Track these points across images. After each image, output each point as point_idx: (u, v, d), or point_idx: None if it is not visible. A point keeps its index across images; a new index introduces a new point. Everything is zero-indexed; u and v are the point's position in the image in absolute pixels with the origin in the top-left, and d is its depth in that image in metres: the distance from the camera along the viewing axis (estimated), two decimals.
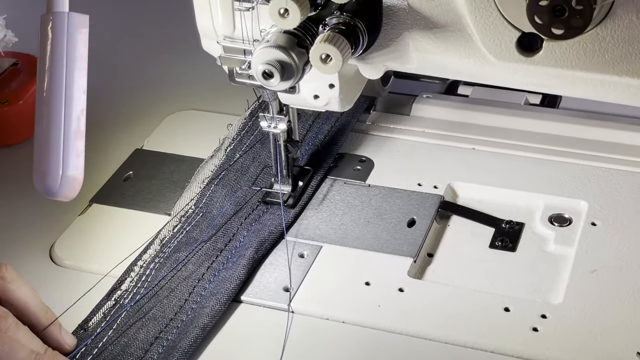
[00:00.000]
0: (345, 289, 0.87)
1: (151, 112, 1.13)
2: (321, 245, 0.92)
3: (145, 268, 0.90)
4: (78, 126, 0.70)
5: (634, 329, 0.81)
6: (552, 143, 1.03)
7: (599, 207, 0.94)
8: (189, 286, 0.87)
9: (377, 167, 1.02)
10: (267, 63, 0.77)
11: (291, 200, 0.96)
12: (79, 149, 0.71)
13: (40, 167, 0.70)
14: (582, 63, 0.71)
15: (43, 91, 0.70)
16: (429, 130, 1.06)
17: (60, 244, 0.95)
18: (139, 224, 0.97)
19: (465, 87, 1.12)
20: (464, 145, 1.04)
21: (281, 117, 0.92)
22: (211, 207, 0.96)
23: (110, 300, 0.87)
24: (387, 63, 0.81)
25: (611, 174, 0.98)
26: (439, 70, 0.80)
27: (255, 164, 1.01)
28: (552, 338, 0.81)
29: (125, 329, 0.84)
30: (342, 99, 0.87)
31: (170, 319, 0.84)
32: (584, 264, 0.88)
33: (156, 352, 0.81)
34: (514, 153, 1.02)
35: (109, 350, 0.82)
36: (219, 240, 0.92)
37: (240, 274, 0.87)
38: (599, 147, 1.02)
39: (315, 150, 1.02)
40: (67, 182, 0.70)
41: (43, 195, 0.71)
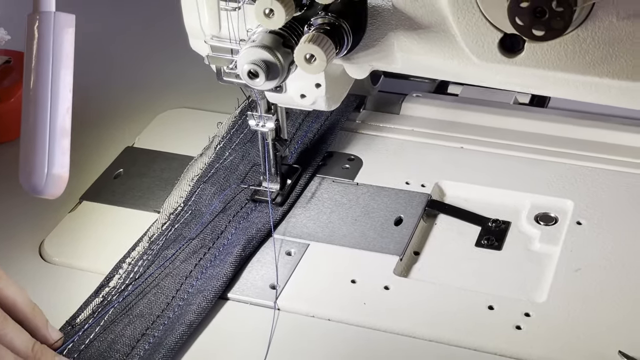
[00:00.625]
0: (331, 286, 0.88)
1: (142, 110, 1.13)
2: (308, 243, 0.93)
3: (133, 265, 0.90)
4: (64, 125, 0.71)
5: (616, 328, 0.82)
6: (540, 142, 1.03)
7: (585, 206, 0.95)
8: (177, 283, 0.88)
9: (365, 166, 1.02)
10: (252, 63, 0.77)
11: (279, 198, 0.97)
12: (65, 147, 0.71)
13: (26, 165, 0.70)
14: (563, 64, 0.72)
15: (29, 90, 0.71)
16: (418, 129, 1.07)
17: (50, 241, 0.95)
18: (128, 222, 0.98)
19: (455, 86, 1.13)
20: (452, 144, 1.05)
21: (269, 115, 0.92)
22: (200, 204, 0.96)
23: (98, 297, 0.88)
24: (372, 63, 0.81)
25: (597, 174, 0.99)
26: (423, 70, 0.81)
27: (245, 162, 1.01)
28: (535, 336, 0.82)
29: (113, 325, 0.84)
30: (329, 98, 0.87)
31: (157, 316, 0.85)
32: (568, 263, 0.89)
33: (142, 349, 0.82)
34: (501, 152, 1.03)
35: (96, 347, 0.82)
36: (207, 238, 0.92)
37: (227, 272, 0.88)
38: (586, 147, 1.03)
39: (304, 148, 1.03)
40: (53, 180, 0.71)
41: (29, 193, 0.72)
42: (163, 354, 0.81)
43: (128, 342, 0.82)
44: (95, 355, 0.82)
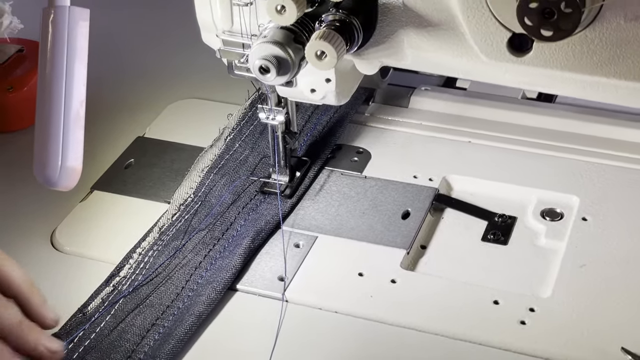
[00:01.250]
0: (338, 279, 0.89)
1: (153, 101, 1.14)
2: (316, 235, 0.94)
3: (143, 255, 0.91)
4: (78, 118, 0.72)
5: (620, 324, 0.82)
6: (547, 138, 1.04)
7: (591, 202, 0.96)
8: (186, 274, 0.89)
9: (374, 159, 1.03)
10: (263, 58, 0.78)
11: (288, 190, 0.98)
12: (79, 140, 0.72)
13: (40, 158, 0.71)
14: (571, 64, 0.73)
15: (44, 83, 0.72)
16: (426, 122, 1.08)
17: (61, 230, 0.97)
18: (139, 212, 0.99)
19: (464, 80, 1.13)
20: (460, 138, 1.05)
21: (279, 109, 0.93)
22: (210, 196, 0.97)
23: (108, 286, 0.89)
24: (382, 59, 0.82)
25: (604, 170, 1.00)
26: (432, 67, 0.82)
27: (254, 154, 1.02)
28: (539, 332, 0.83)
29: (123, 315, 0.85)
30: (339, 93, 0.88)
31: (167, 306, 0.86)
32: (573, 259, 0.89)
33: (152, 339, 0.83)
34: (509, 147, 1.04)
35: (106, 335, 0.84)
36: (217, 229, 0.93)
37: (236, 263, 0.89)
38: (594, 143, 1.03)
39: (313, 141, 1.04)
40: (67, 172, 0.72)
41: (43, 185, 0.73)
42: (172, 344, 0.82)
43: (138, 331, 0.84)
44: (106, 344, 0.83)
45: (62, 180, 0.72)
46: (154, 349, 0.82)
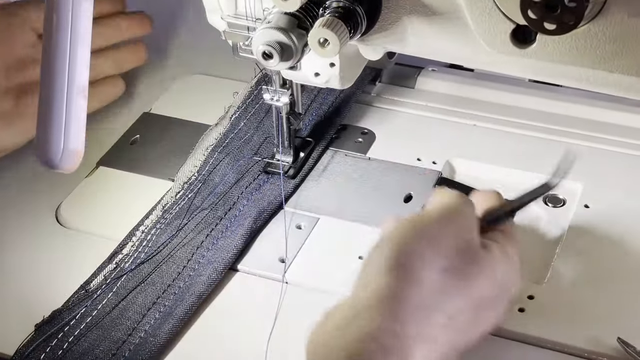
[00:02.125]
0: (339, 262, 0.90)
1: (160, 76, 1.14)
2: (318, 217, 0.94)
3: (146, 233, 0.92)
4: (80, 100, 0.72)
5: (617, 314, 0.83)
6: (554, 122, 1.04)
7: (594, 189, 0.96)
8: (188, 253, 0.90)
9: (378, 140, 1.03)
10: (267, 44, 0.78)
11: (292, 171, 0.98)
12: (81, 122, 0.73)
13: (42, 140, 0.72)
14: (574, 58, 0.72)
15: (47, 66, 0.72)
16: (432, 104, 1.07)
17: (66, 206, 0.97)
18: (144, 189, 0.99)
19: None
20: (465, 121, 1.05)
21: (284, 90, 0.93)
22: (213, 174, 0.98)
23: (111, 264, 0.90)
24: (386, 45, 0.82)
25: (610, 156, 1.00)
26: (436, 54, 0.82)
27: (259, 133, 1.03)
28: (537, 319, 0.83)
29: (125, 292, 0.86)
30: (343, 77, 0.88)
31: (168, 285, 0.87)
32: (573, 247, 0.90)
33: (153, 318, 0.84)
34: (514, 131, 1.03)
35: (108, 313, 0.85)
36: (219, 209, 0.94)
37: (238, 244, 0.90)
38: (600, 128, 1.03)
39: (318, 121, 1.04)
40: (69, 155, 0.72)
41: (45, 168, 0.74)
42: (172, 323, 0.83)
43: (139, 309, 0.85)
44: (108, 321, 0.84)
45: (64, 162, 0.72)
46: (154, 328, 0.83)
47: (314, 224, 0.93)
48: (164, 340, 0.82)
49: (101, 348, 0.81)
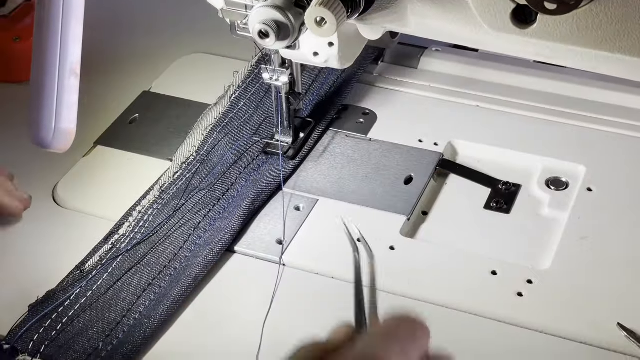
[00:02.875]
0: (337, 244, 0.89)
1: (161, 54, 1.13)
2: (317, 198, 0.93)
3: (143, 214, 0.91)
4: (71, 80, 0.71)
5: (617, 300, 0.82)
6: (557, 104, 1.03)
7: (597, 172, 0.94)
8: (185, 234, 0.89)
9: (379, 121, 1.02)
10: (263, 23, 0.77)
11: (291, 151, 0.97)
12: (72, 102, 0.72)
13: (34, 119, 0.71)
14: (575, 38, 0.71)
15: (39, 45, 0.71)
16: (434, 85, 1.06)
17: (63, 185, 0.97)
18: (142, 168, 0.98)
19: None
20: (468, 102, 1.04)
21: (283, 70, 0.92)
22: (212, 155, 0.97)
23: (107, 244, 0.89)
24: (385, 25, 0.81)
25: (613, 139, 0.98)
26: (436, 34, 0.80)
27: (259, 113, 1.01)
28: (535, 304, 0.82)
29: (120, 273, 0.86)
30: (342, 57, 0.87)
31: (164, 266, 0.86)
32: (575, 230, 0.89)
33: (148, 299, 0.83)
34: (517, 112, 1.02)
35: (102, 294, 0.84)
36: (217, 189, 0.93)
37: (235, 225, 0.89)
38: (605, 110, 1.01)
39: (319, 101, 1.03)
40: (60, 134, 0.72)
41: (37, 147, 0.73)
42: (167, 305, 0.82)
43: (134, 291, 0.84)
44: (102, 302, 0.83)
45: (55, 142, 0.72)
46: (149, 309, 0.82)
47: (312, 206, 0.92)
48: (159, 322, 0.82)
49: (95, 329, 0.81)
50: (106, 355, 0.79)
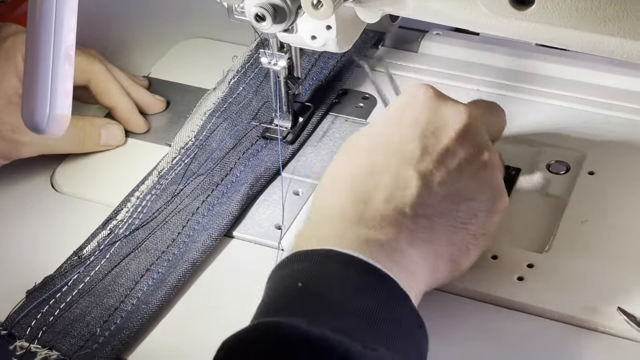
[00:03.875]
0: None
1: (160, 39, 1.13)
2: (316, 183, 0.92)
3: (141, 199, 0.91)
4: (66, 66, 0.71)
5: (617, 284, 0.81)
6: (559, 87, 1.02)
7: (599, 156, 0.94)
8: (183, 219, 0.88)
9: (379, 105, 1.01)
10: (259, 6, 0.76)
11: (290, 136, 0.96)
12: (67, 88, 0.71)
13: (28, 105, 0.70)
14: (574, 20, 0.70)
15: (33, 30, 0.70)
16: (435, 69, 1.05)
17: (61, 171, 0.96)
18: (141, 154, 0.98)
19: None
20: (468, 85, 1.03)
21: (281, 54, 0.91)
22: (211, 140, 0.96)
23: (105, 230, 0.89)
24: (383, 7, 0.80)
25: (616, 123, 0.97)
26: (434, 17, 0.79)
27: (258, 98, 1.01)
28: (536, 288, 0.82)
29: (118, 259, 0.85)
30: (340, 40, 0.86)
31: (162, 252, 0.86)
32: (576, 214, 0.88)
33: (146, 285, 0.83)
34: (518, 96, 1.01)
35: (100, 280, 0.84)
36: (216, 174, 0.93)
37: (234, 210, 0.89)
38: (607, 93, 1.00)
39: (319, 85, 1.02)
40: (55, 120, 0.71)
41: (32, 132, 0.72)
42: (165, 291, 0.82)
43: (132, 276, 0.84)
44: (100, 288, 0.83)
45: (50, 127, 0.71)
46: (147, 295, 0.82)
47: (311, 191, 0.92)
48: (157, 308, 0.81)
49: (93, 315, 0.81)
50: (104, 340, 0.79)
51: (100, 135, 0.96)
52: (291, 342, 0.60)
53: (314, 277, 0.67)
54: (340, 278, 0.67)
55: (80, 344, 0.78)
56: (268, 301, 0.69)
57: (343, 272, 0.67)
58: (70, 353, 0.78)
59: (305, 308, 0.65)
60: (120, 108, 0.98)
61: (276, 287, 0.69)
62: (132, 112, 0.99)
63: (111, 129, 0.97)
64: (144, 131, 1.00)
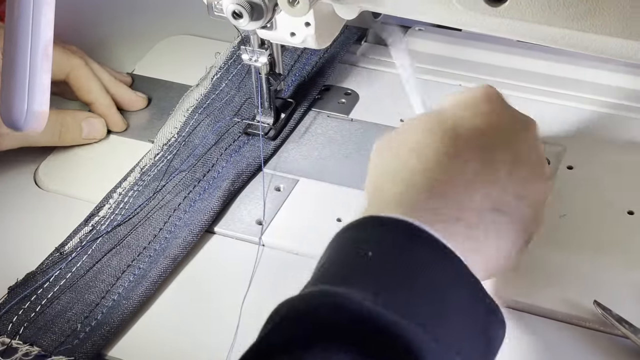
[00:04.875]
0: (317, 224, 0.89)
1: (144, 36, 1.13)
2: (298, 179, 0.93)
3: (123, 196, 0.91)
4: (44, 62, 0.71)
5: (593, 278, 0.82)
6: (540, 82, 1.02)
7: (579, 150, 0.94)
8: (165, 215, 0.89)
9: (361, 101, 1.02)
10: (236, 3, 0.77)
11: (272, 132, 0.97)
12: (45, 84, 0.72)
13: (6, 102, 0.71)
14: (547, 16, 0.71)
15: (10, 25, 0.71)
16: (417, 64, 1.05)
17: (44, 168, 0.97)
18: (123, 151, 0.98)
19: None
20: (451, 81, 1.04)
21: (262, 50, 0.92)
22: (193, 136, 0.97)
23: (87, 226, 0.89)
24: (361, 4, 0.81)
25: (595, 117, 0.98)
26: (411, 14, 0.80)
27: (240, 94, 1.01)
28: (513, 282, 0.82)
29: (100, 255, 0.86)
30: (319, 36, 0.87)
31: (144, 248, 0.86)
32: (554, 208, 0.88)
33: (127, 280, 0.83)
34: (499, 91, 1.01)
35: (82, 276, 0.84)
36: (198, 170, 0.93)
37: (215, 206, 0.89)
38: (589, 89, 1.01)
39: (301, 81, 1.02)
40: (33, 116, 0.71)
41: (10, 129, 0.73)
42: (146, 286, 0.83)
43: (113, 272, 0.84)
44: (81, 284, 0.84)
45: (28, 124, 0.71)
46: (127, 290, 0.83)
47: (293, 186, 0.92)
48: (137, 303, 0.82)
49: (74, 311, 0.81)
50: (84, 336, 0.79)
51: (81, 129, 0.96)
52: (355, 319, 0.58)
53: (380, 248, 0.65)
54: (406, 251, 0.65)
55: (61, 339, 0.79)
56: (330, 266, 0.66)
57: (410, 246, 0.65)
58: (51, 349, 0.78)
59: (371, 282, 0.62)
60: (98, 104, 0.98)
61: (340, 252, 0.67)
62: (110, 109, 0.99)
63: (92, 122, 0.97)
64: (121, 130, 1.00)
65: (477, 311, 0.66)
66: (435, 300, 0.63)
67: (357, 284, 0.62)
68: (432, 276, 0.64)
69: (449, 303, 0.64)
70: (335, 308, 0.59)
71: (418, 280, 0.63)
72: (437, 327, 0.61)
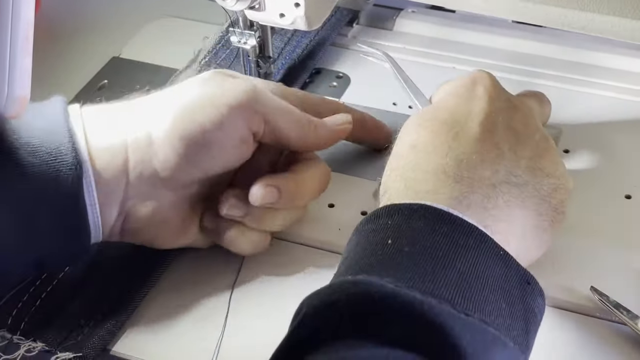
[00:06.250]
0: (308, 210, 0.87)
1: (130, 19, 1.11)
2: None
3: None
4: (24, 46, 0.69)
5: (590, 263, 0.80)
6: (535, 64, 1.01)
7: (574, 133, 0.93)
8: None
9: (353, 84, 1.00)
10: None
11: None
12: (26, 68, 0.69)
13: None
14: None
15: None
16: (410, 47, 1.04)
17: None
18: None
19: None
20: (444, 63, 1.02)
21: (251, 32, 0.90)
22: None
23: None
24: None
25: (592, 100, 0.96)
26: None
27: None
28: None
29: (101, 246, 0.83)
30: (309, 18, 0.85)
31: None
32: None
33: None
34: (493, 74, 0.99)
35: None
36: None
37: None
38: (585, 71, 0.99)
39: (292, 64, 1.00)
40: (13, 101, 0.69)
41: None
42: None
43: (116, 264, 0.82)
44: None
45: (8, 109, 0.69)
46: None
47: None
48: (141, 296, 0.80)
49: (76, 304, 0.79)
50: (89, 331, 0.77)
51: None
52: (376, 302, 0.58)
53: (403, 233, 0.65)
54: (430, 233, 0.65)
55: (65, 334, 0.76)
56: (353, 256, 0.66)
57: (435, 229, 0.65)
58: (55, 344, 0.76)
59: (394, 267, 0.62)
60: None
61: (363, 242, 0.67)
62: None
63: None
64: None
65: (509, 281, 0.66)
66: (463, 275, 0.63)
67: (377, 271, 0.62)
68: (457, 252, 0.64)
69: (476, 276, 0.63)
70: (360, 294, 0.59)
71: (443, 260, 0.63)
72: (467, 301, 0.61)
